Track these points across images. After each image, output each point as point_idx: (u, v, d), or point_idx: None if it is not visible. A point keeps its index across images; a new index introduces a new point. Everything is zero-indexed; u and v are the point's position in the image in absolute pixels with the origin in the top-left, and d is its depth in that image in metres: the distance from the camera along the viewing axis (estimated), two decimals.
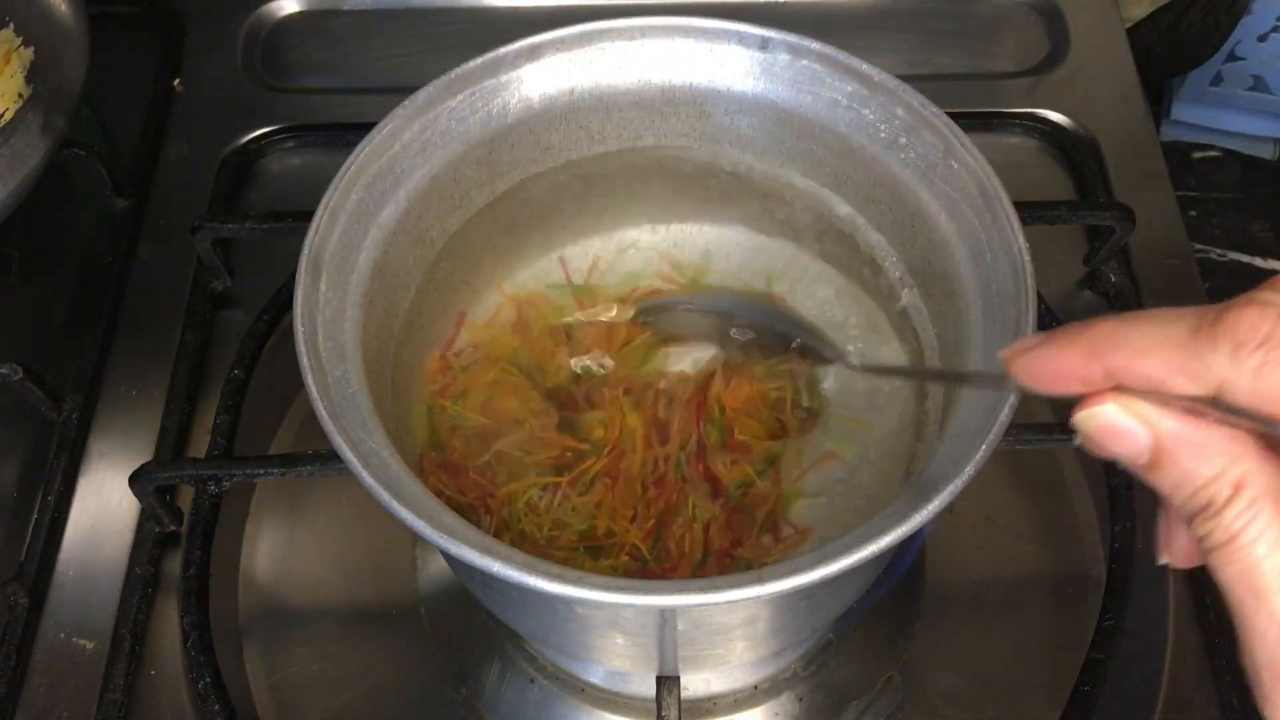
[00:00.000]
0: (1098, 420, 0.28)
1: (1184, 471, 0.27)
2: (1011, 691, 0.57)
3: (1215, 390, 0.26)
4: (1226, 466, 0.27)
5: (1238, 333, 0.25)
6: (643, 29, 0.51)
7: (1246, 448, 0.27)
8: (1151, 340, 0.27)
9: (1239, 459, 0.27)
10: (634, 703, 0.57)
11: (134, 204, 0.74)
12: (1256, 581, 0.26)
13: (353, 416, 0.42)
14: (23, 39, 0.70)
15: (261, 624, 0.60)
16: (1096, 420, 0.28)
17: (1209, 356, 0.26)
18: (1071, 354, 0.29)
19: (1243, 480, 0.26)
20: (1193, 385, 0.26)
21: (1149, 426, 0.28)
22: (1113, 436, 0.28)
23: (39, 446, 0.64)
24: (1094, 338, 0.28)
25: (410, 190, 0.50)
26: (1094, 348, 0.28)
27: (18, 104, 0.67)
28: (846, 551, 0.37)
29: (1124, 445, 0.28)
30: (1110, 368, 0.28)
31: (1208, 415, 0.27)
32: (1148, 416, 0.27)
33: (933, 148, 0.48)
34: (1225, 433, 0.27)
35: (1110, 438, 0.28)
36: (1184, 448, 0.27)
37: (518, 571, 0.37)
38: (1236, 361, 0.25)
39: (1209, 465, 0.27)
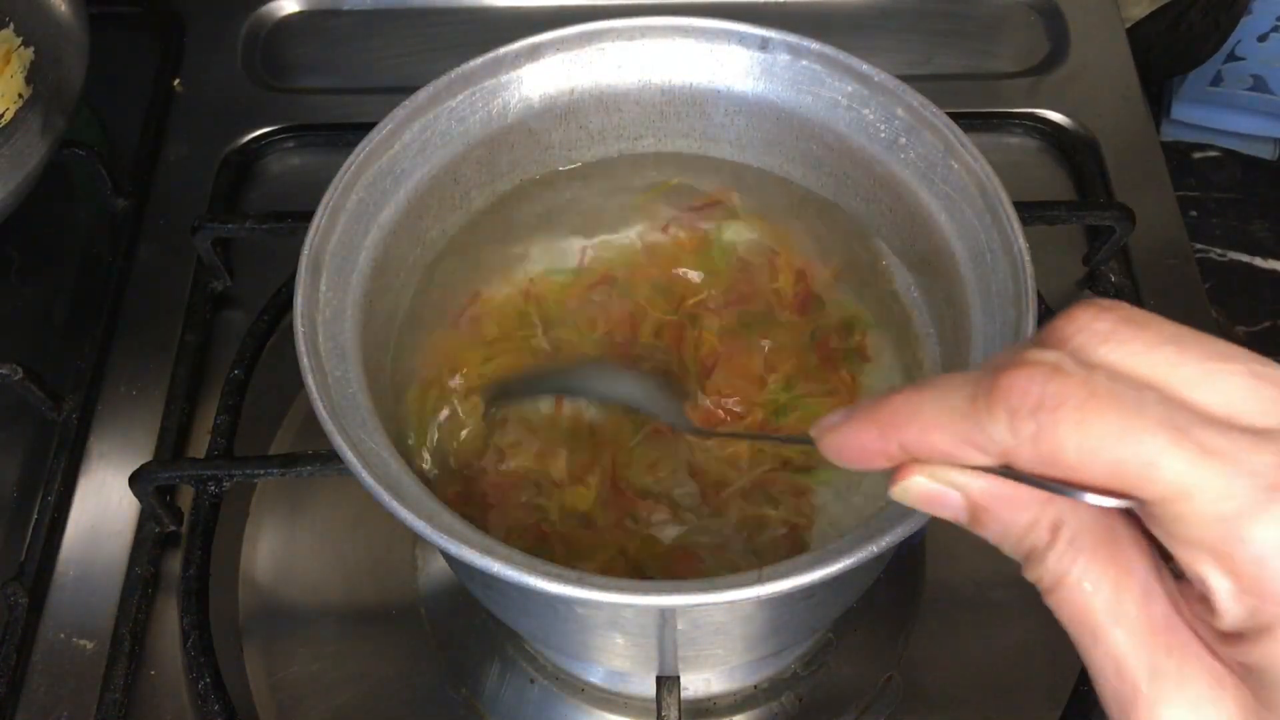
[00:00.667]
0: (911, 492, 0.29)
1: (1001, 524, 0.28)
2: (1011, 691, 0.57)
3: (1003, 458, 0.26)
4: (1039, 512, 0.27)
5: (1010, 400, 0.25)
6: (643, 29, 0.51)
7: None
8: (936, 414, 0.27)
9: (1051, 501, 0.27)
10: (634, 703, 0.57)
11: (134, 204, 0.74)
12: (1089, 620, 0.27)
13: (353, 416, 0.42)
14: (23, 39, 0.70)
15: (261, 624, 0.60)
16: (909, 493, 0.29)
17: (988, 427, 0.26)
18: (867, 432, 0.29)
19: (1057, 522, 0.27)
20: (981, 456, 0.26)
21: (959, 490, 0.28)
22: (929, 504, 0.29)
23: (39, 446, 0.64)
24: (885, 415, 0.28)
25: (410, 190, 0.50)
26: (886, 425, 0.28)
27: (18, 104, 0.67)
28: (846, 551, 0.37)
29: (943, 510, 0.29)
30: (904, 443, 0.28)
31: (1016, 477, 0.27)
32: (955, 481, 0.28)
33: (933, 148, 0.48)
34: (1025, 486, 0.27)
35: (927, 505, 0.29)
36: (996, 502, 0.27)
37: (518, 571, 0.37)
38: (1014, 430, 0.25)
39: (1023, 514, 0.27)
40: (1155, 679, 0.25)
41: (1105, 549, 0.26)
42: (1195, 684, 0.25)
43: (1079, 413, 0.24)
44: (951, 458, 0.27)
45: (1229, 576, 0.24)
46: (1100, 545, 0.26)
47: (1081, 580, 0.26)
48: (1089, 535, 0.26)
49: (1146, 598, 0.26)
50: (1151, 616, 0.26)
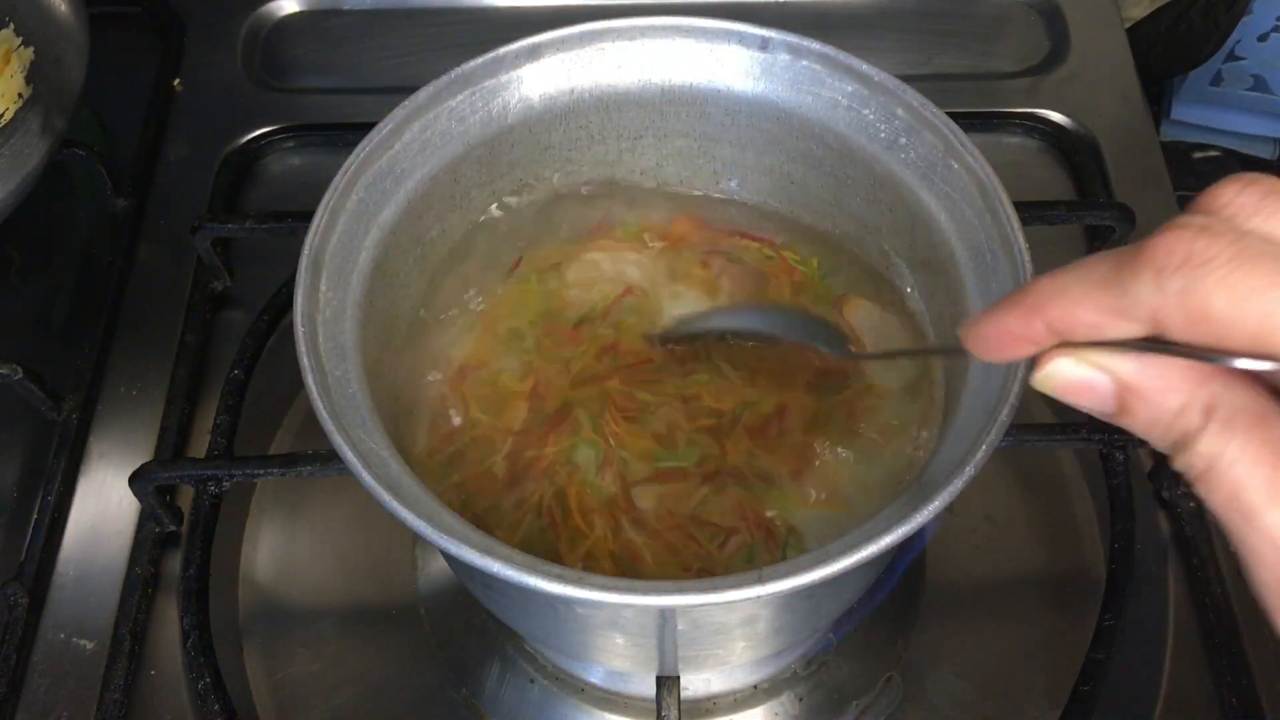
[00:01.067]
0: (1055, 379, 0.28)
1: (1152, 409, 0.27)
2: (1011, 691, 0.57)
3: (1151, 323, 0.26)
4: (1192, 394, 0.26)
5: (1156, 259, 0.25)
6: (643, 29, 0.51)
7: (1211, 371, 0.26)
8: (1081, 287, 0.27)
9: (1204, 383, 0.26)
10: (634, 703, 0.57)
11: (134, 204, 0.74)
12: (1243, 502, 0.25)
13: (353, 416, 0.42)
14: (23, 39, 0.70)
15: (261, 624, 0.60)
16: (1054, 379, 0.28)
17: (1134, 289, 0.25)
18: (1012, 317, 0.28)
19: (1211, 404, 0.26)
20: (1128, 324, 0.26)
21: (1106, 372, 0.27)
22: (1074, 391, 0.28)
23: (39, 446, 0.64)
24: (1030, 296, 0.28)
25: (410, 190, 0.50)
26: (1031, 306, 0.28)
27: (18, 104, 0.67)
28: (846, 551, 0.37)
29: (1088, 397, 0.28)
30: (1050, 322, 0.27)
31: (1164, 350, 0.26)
32: (1103, 363, 0.27)
33: (933, 148, 0.48)
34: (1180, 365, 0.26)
35: (1072, 393, 0.28)
36: (1147, 385, 0.27)
37: (518, 571, 0.37)
38: (1160, 287, 0.25)
39: (1174, 397, 0.26)
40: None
41: (1260, 431, 0.25)
42: None
43: (1227, 267, 0.24)
44: (1099, 331, 0.26)
45: None
46: (1255, 427, 0.26)
47: (1236, 462, 0.25)
48: (1244, 416, 0.26)
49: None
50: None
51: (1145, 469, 0.62)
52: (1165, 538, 0.61)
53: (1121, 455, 0.58)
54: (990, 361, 0.30)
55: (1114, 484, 0.58)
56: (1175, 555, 0.60)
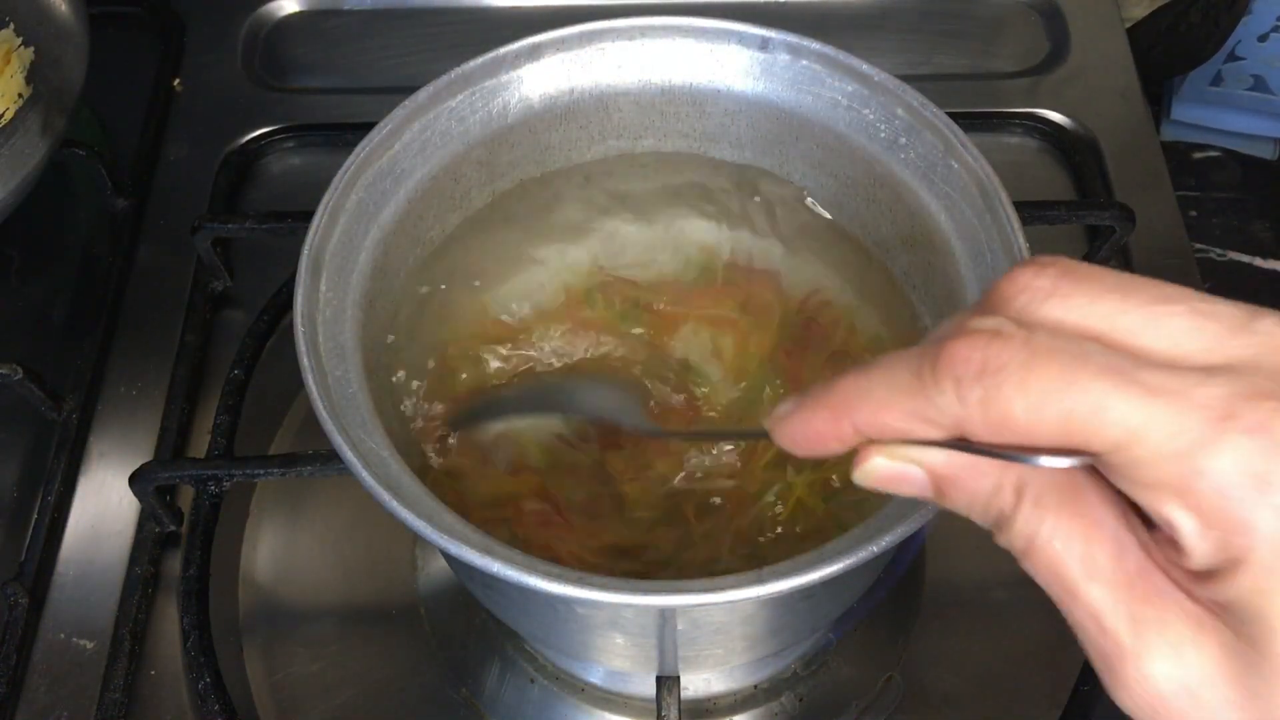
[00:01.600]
0: (873, 475, 0.28)
1: (966, 494, 0.27)
2: (1011, 691, 0.57)
3: (955, 430, 0.26)
4: (1001, 476, 0.27)
5: (954, 370, 0.25)
6: (643, 29, 0.51)
7: None
8: (886, 392, 0.27)
9: (1011, 465, 0.27)
10: (634, 703, 0.57)
11: (134, 204, 0.74)
12: (1064, 577, 0.26)
13: (353, 416, 0.42)
14: (23, 39, 0.70)
15: (261, 624, 0.60)
16: (871, 475, 0.28)
17: (937, 400, 0.26)
18: (819, 417, 0.29)
19: (1020, 484, 0.26)
20: (935, 430, 0.26)
21: (918, 465, 0.28)
22: (893, 483, 0.28)
23: (39, 446, 0.64)
24: (836, 399, 0.28)
25: (410, 190, 0.50)
26: (837, 408, 0.28)
27: (18, 104, 0.67)
28: (846, 551, 0.37)
29: (907, 487, 0.28)
30: (856, 425, 0.28)
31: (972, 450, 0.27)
32: (914, 456, 0.28)
33: (933, 148, 0.48)
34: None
35: (891, 485, 0.28)
36: (957, 473, 0.27)
37: (518, 571, 0.37)
38: (962, 399, 0.25)
39: (985, 481, 0.27)
40: (1136, 628, 0.25)
41: (1071, 506, 0.26)
42: (1176, 628, 0.25)
43: (1022, 372, 0.25)
44: (906, 434, 0.27)
45: (1192, 513, 0.24)
46: (1065, 503, 0.26)
47: (1051, 539, 0.26)
48: (1054, 494, 0.26)
49: (1119, 550, 0.26)
50: (1126, 568, 0.26)
51: None
52: None
53: None
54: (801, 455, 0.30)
55: None
56: None
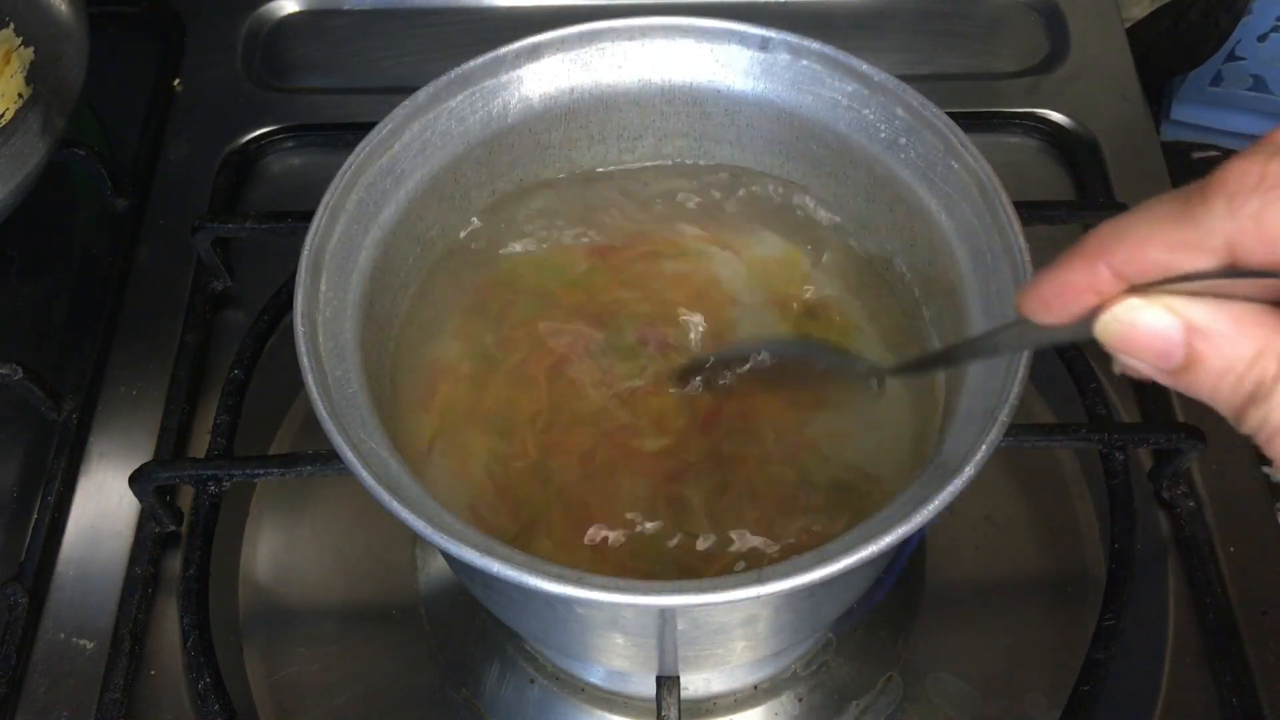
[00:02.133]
0: (1121, 321, 0.26)
1: (1224, 357, 0.25)
2: (1011, 691, 0.57)
3: (1225, 254, 0.24)
4: (1268, 340, 0.24)
5: (1228, 185, 0.24)
6: (643, 29, 0.51)
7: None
8: (1147, 225, 0.25)
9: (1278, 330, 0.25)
10: (634, 703, 0.57)
11: (134, 204, 0.74)
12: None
13: (353, 416, 0.42)
14: (23, 39, 0.70)
15: (261, 624, 0.60)
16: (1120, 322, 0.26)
17: (1206, 220, 0.24)
18: (1073, 267, 0.27)
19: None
20: (1200, 257, 0.24)
21: (1177, 315, 0.25)
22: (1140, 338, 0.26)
23: (39, 446, 0.64)
24: (1093, 242, 0.26)
25: (410, 190, 0.50)
26: (1095, 251, 0.26)
27: (18, 104, 0.67)
28: (846, 551, 0.37)
29: (1155, 344, 0.26)
30: (1115, 267, 0.26)
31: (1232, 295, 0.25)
32: (1174, 305, 0.25)
33: (933, 148, 0.48)
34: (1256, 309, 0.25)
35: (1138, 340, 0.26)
36: (1219, 328, 0.25)
37: (517, 571, 0.37)
38: (1234, 212, 0.24)
39: (1249, 343, 0.25)
40: None
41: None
42: None
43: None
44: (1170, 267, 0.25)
45: None
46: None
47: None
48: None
49: None
50: None
51: (1145, 469, 0.62)
52: (1165, 538, 0.61)
53: (1121, 455, 0.58)
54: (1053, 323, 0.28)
55: (1114, 484, 0.58)
56: (1175, 555, 0.60)
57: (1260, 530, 0.60)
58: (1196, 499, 0.61)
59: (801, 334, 0.52)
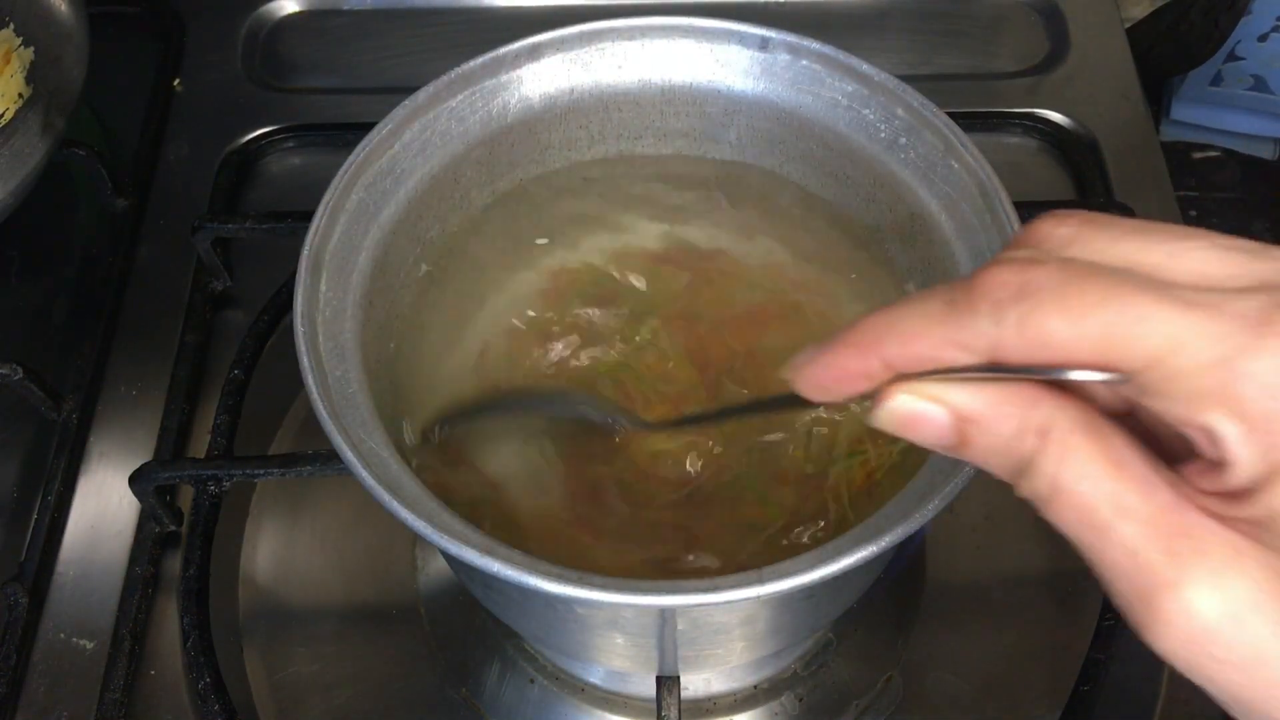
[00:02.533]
0: (893, 413, 0.28)
1: (988, 436, 0.27)
2: (1011, 691, 0.57)
3: (990, 355, 0.26)
4: (1025, 417, 0.26)
5: (991, 293, 0.25)
6: (643, 29, 0.51)
7: (1040, 393, 0.26)
8: (916, 322, 0.27)
9: (1035, 405, 0.26)
10: (634, 703, 0.57)
11: (134, 204, 0.74)
12: (1095, 518, 0.25)
13: (353, 416, 0.42)
14: (23, 39, 0.70)
15: (261, 624, 0.60)
16: (892, 414, 0.28)
17: (972, 323, 0.25)
18: (845, 355, 0.28)
19: (1045, 425, 0.26)
20: (968, 355, 0.26)
21: (943, 404, 0.27)
22: (914, 424, 0.28)
23: (39, 446, 0.64)
24: (862, 334, 0.28)
25: (410, 190, 0.50)
26: (864, 343, 0.28)
27: (18, 104, 0.67)
28: (846, 551, 0.37)
29: (927, 430, 0.28)
30: (886, 358, 0.27)
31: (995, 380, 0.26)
32: (938, 395, 0.27)
33: (933, 148, 0.48)
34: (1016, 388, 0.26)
35: (912, 427, 0.28)
36: (982, 412, 0.27)
37: (517, 571, 0.37)
38: (997, 320, 0.25)
39: (1009, 422, 0.26)
40: (1173, 559, 0.24)
41: (1097, 445, 0.26)
42: (1216, 555, 0.24)
43: (1061, 290, 0.24)
44: (937, 363, 0.27)
45: (1236, 419, 0.24)
46: (1092, 441, 0.26)
47: (1079, 481, 0.25)
48: (1079, 433, 0.26)
49: (1148, 487, 0.25)
50: (1157, 503, 0.25)
51: None
52: None
53: None
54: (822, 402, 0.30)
55: None
56: None
57: None
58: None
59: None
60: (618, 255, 0.55)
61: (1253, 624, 0.24)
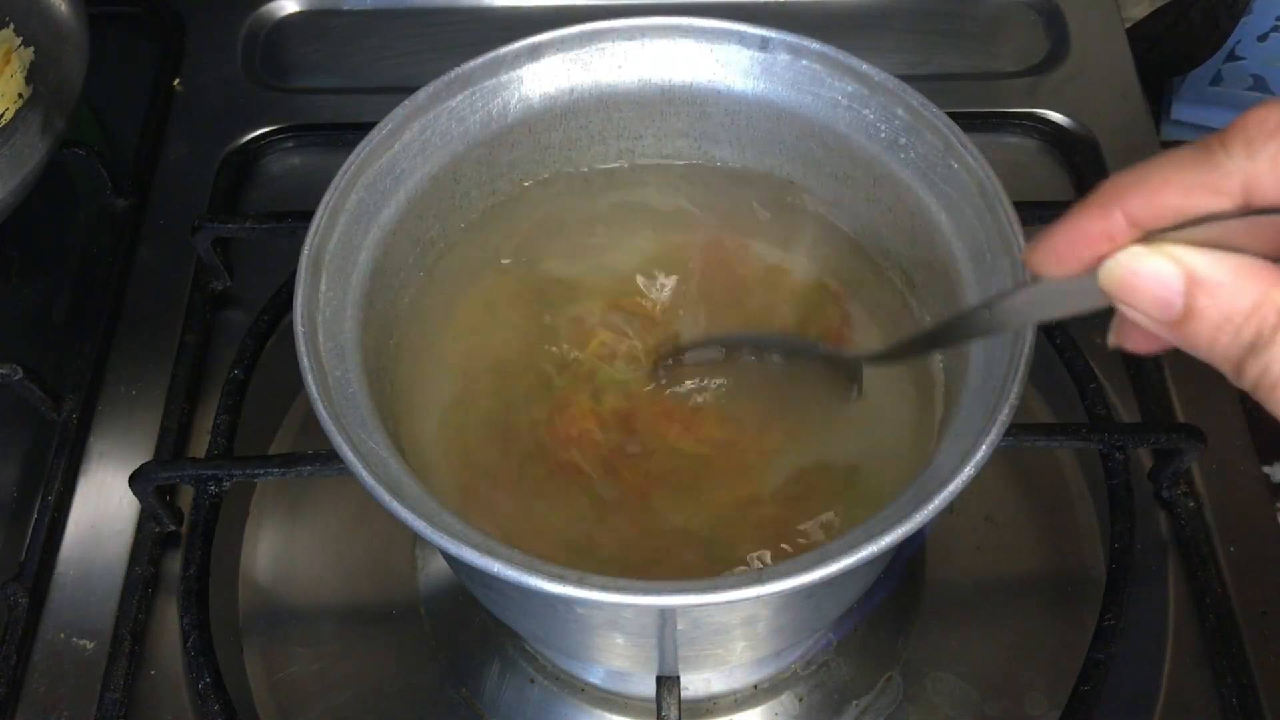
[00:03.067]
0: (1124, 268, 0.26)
1: (1223, 307, 0.25)
2: (1011, 691, 0.57)
3: (1241, 196, 0.25)
4: (1267, 291, 0.25)
5: (1247, 130, 0.25)
6: (643, 29, 0.51)
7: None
8: (1166, 170, 0.26)
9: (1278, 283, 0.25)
10: (634, 703, 0.57)
11: (134, 204, 0.74)
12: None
13: (353, 416, 0.42)
14: (23, 39, 0.70)
15: (261, 624, 0.60)
16: (1123, 268, 0.26)
17: (1226, 163, 0.25)
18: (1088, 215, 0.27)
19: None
20: (1217, 199, 0.25)
21: (1178, 264, 0.26)
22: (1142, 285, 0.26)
23: (39, 446, 0.64)
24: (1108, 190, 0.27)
25: (410, 190, 0.50)
26: (1109, 200, 0.27)
27: (18, 104, 0.67)
28: (846, 551, 0.37)
29: (1154, 292, 0.26)
30: (1130, 213, 0.26)
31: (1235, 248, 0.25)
32: (1176, 254, 0.26)
33: (933, 148, 0.48)
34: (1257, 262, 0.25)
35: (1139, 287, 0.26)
36: (1220, 279, 0.25)
37: (517, 571, 0.37)
38: (1252, 155, 0.24)
39: (1247, 295, 0.25)
40: None
41: None
42: None
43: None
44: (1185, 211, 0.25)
45: None
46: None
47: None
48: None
49: None
50: None
51: (1145, 469, 0.62)
52: (1165, 538, 0.61)
53: (1121, 455, 0.58)
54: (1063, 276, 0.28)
55: (1114, 484, 0.58)
56: (1175, 555, 0.60)
57: (1260, 530, 0.60)
58: (1196, 499, 0.61)
59: (791, 330, 0.52)
60: (618, 255, 0.55)
61: None
